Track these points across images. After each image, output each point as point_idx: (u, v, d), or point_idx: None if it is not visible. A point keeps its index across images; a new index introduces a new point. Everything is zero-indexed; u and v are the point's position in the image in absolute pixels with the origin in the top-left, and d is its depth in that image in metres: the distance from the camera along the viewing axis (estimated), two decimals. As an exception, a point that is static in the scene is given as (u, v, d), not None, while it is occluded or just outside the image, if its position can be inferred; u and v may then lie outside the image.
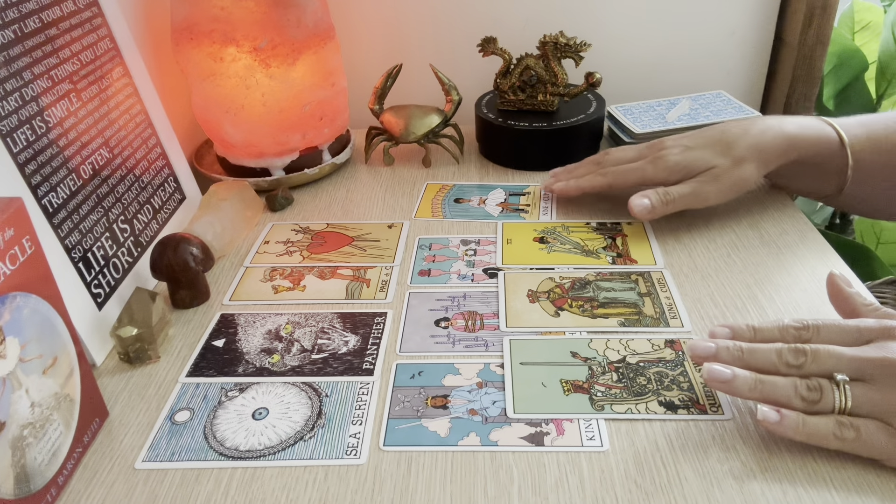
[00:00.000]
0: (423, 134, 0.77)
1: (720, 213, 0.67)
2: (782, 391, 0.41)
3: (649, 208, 0.61)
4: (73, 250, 0.52)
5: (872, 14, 1.15)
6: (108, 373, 0.51)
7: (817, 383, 0.41)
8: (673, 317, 0.54)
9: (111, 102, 0.61)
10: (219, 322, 0.56)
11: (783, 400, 0.41)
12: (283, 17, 0.68)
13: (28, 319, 0.39)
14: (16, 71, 0.50)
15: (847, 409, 0.40)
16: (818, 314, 0.53)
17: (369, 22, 0.88)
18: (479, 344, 0.52)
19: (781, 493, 0.39)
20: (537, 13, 0.87)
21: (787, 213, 0.66)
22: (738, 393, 0.42)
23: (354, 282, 0.60)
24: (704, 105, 0.81)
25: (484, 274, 0.60)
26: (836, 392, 0.41)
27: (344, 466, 0.43)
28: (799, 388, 0.41)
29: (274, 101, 0.71)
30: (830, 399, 0.41)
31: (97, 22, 0.61)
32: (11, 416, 0.37)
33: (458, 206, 0.71)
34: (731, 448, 0.42)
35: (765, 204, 0.68)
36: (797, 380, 0.42)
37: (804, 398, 0.41)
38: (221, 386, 0.49)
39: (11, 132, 0.48)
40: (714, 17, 0.87)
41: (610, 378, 0.48)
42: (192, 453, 0.44)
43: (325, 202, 0.74)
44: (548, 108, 0.79)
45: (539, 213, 0.69)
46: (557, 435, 0.44)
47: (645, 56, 0.89)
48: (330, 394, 0.48)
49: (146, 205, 0.63)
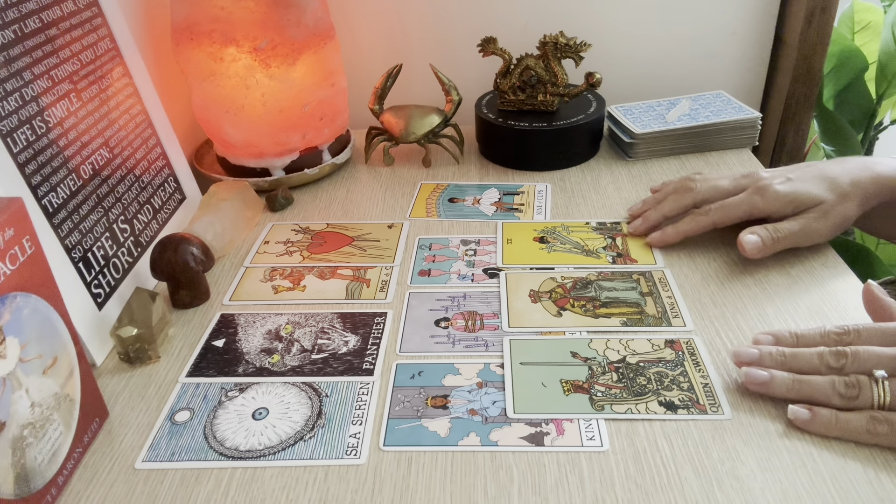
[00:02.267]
0: (423, 134, 0.77)
1: (720, 213, 0.67)
2: (820, 389, 0.43)
3: (760, 246, 0.57)
4: (73, 250, 0.52)
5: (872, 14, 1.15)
6: (108, 373, 0.51)
7: (856, 380, 0.42)
8: (675, 316, 0.54)
9: (111, 102, 0.61)
10: (219, 322, 0.56)
11: (821, 398, 0.42)
12: (283, 17, 0.68)
13: (28, 319, 0.39)
14: (16, 71, 0.50)
15: (886, 405, 0.41)
16: (818, 314, 0.53)
17: (369, 22, 0.88)
18: (479, 344, 0.52)
19: (781, 493, 0.39)
20: (537, 13, 0.87)
21: (788, 213, 0.66)
22: (776, 393, 0.44)
23: (354, 282, 0.60)
24: (704, 105, 0.81)
25: (484, 274, 0.60)
26: (874, 388, 0.41)
27: (344, 466, 0.43)
28: (837, 385, 0.42)
29: (274, 101, 0.71)
30: (869, 395, 0.41)
31: (97, 22, 0.61)
32: (11, 416, 0.37)
33: (453, 206, 0.71)
34: (731, 448, 0.42)
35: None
36: (835, 377, 0.43)
37: (842, 395, 0.42)
38: (221, 386, 0.49)
39: (11, 132, 0.48)
40: (714, 17, 0.87)
41: (610, 378, 0.48)
42: (192, 453, 0.44)
43: (325, 202, 0.74)
44: (548, 108, 0.79)
45: (533, 213, 0.69)
46: (557, 435, 0.44)
47: (645, 56, 0.89)
48: (330, 394, 0.48)
49: (146, 205, 0.63)
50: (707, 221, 0.60)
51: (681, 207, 0.62)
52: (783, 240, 0.57)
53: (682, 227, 0.61)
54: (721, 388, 0.47)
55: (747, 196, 0.59)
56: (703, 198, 0.61)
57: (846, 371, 0.43)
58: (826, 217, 0.57)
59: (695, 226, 0.60)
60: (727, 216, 0.59)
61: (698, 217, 0.60)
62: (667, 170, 0.75)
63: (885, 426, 0.41)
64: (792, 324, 0.52)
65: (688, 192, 0.62)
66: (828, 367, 0.43)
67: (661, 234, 0.62)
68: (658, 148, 0.78)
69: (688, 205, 0.62)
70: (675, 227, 0.61)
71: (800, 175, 0.58)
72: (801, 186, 0.57)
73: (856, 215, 0.57)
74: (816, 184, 0.57)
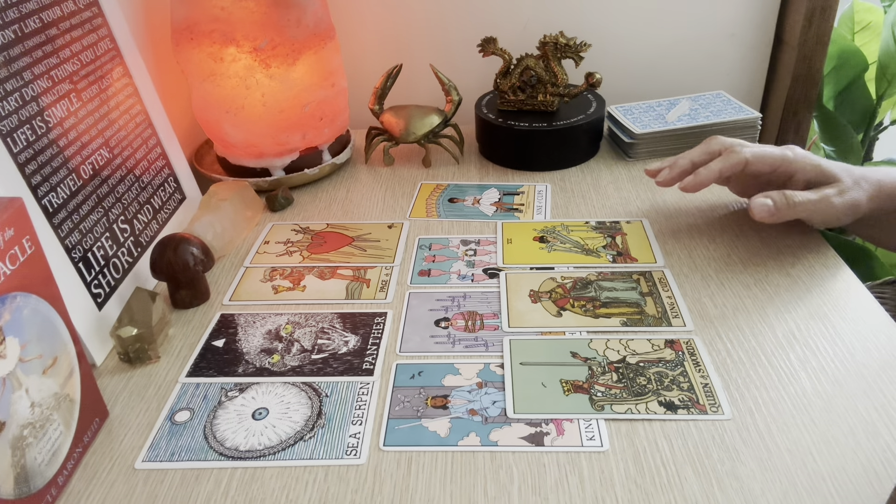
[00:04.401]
0: (424, 134, 0.77)
1: (720, 213, 0.67)
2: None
3: (772, 210, 0.56)
4: (73, 250, 0.52)
5: (872, 14, 1.15)
6: (108, 373, 0.51)
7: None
8: (675, 316, 0.54)
9: (111, 102, 0.61)
10: (219, 322, 0.56)
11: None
12: (283, 17, 0.68)
13: (28, 319, 0.39)
14: (16, 71, 0.50)
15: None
16: (818, 314, 0.53)
17: (369, 22, 0.88)
18: (479, 344, 0.52)
19: (781, 493, 0.39)
20: (537, 13, 0.87)
21: (787, 214, 0.66)
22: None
23: (354, 282, 0.60)
24: (704, 105, 0.81)
25: (484, 274, 0.60)
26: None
27: (344, 466, 0.43)
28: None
29: (274, 102, 0.71)
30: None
31: (97, 22, 0.61)
32: (11, 416, 0.37)
33: (453, 206, 0.71)
34: (731, 448, 0.42)
35: (765, 204, 0.68)
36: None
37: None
38: (221, 386, 0.49)
39: (11, 132, 0.48)
40: (714, 17, 0.87)
41: (610, 378, 0.48)
42: (192, 453, 0.44)
43: (325, 202, 0.74)
44: (548, 109, 0.79)
45: (533, 213, 0.69)
46: (557, 435, 0.44)
47: (645, 56, 0.89)
48: (330, 394, 0.48)
49: (146, 205, 0.63)
50: (740, 157, 0.58)
51: (709, 154, 0.61)
52: (798, 206, 0.56)
53: (714, 166, 0.59)
54: (721, 388, 0.47)
55: (782, 150, 0.58)
56: (730, 144, 0.60)
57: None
58: (842, 196, 0.57)
59: (727, 163, 0.59)
60: (760, 157, 0.58)
61: (731, 154, 0.59)
62: (667, 170, 0.75)
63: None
64: (792, 324, 0.52)
65: (714, 141, 0.61)
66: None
67: (695, 176, 0.60)
68: (658, 148, 0.78)
69: (715, 151, 0.61)
70: (708, 168, 0.59)
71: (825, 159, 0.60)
72: (829, 162, 0.58)
73: (866, 207, 0.57)
74: (837, 166, 0.58)
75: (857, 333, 0.50)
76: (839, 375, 0.47)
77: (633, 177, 0.75)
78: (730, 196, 0.69)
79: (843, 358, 0.48)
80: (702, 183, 0.59)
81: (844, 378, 0.47)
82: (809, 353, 0.49)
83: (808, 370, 0.48)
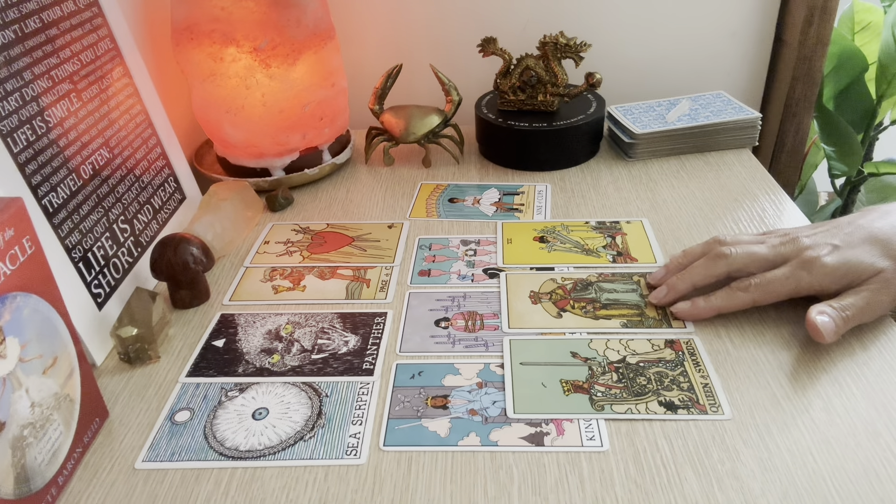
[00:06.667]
0: (424, 134, 0.77)
1: (720, 213, 0.67)
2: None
3: (834, 330, 0.48)
4: (73, 250, 0.52)
5: (872, 14, 1.15)
6: (108, 373, 0.51)
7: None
8: (675, 317, 0.54)
9: (111, 102, 0.61)
10: (219, 322, 0.56)
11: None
12: (283, 17, 0.68)
13: (28, 319, 0.39)
14: (16, 71, 0.50)
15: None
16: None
17: (369, 22, 0.88)
18: (479, 344, 0.52)
19: (782, 493, 0.39)
20: (537, 13, 0.87)
21: (787, 214, 0.66)
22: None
23: (354, 282, 0.60)
24: (704, 105, 0.81)
25: (484, 274, 0.60)
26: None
27: (344, 466, 0.43)
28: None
29: (274, 102, 0.71)
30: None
31: (97, 22, 0.61)
32: (11, 416, 0.37)
33: (453, 206, 0.71)
34: (731, 448, 0.42)
35: (764, 204, 0.68)
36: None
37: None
38: (221, 386, 0.49)
39: (12, 132, 0.48)
40: (714, 17, 0.87)
41: (610, 378, 0.48)
42: (192, 453, 0.44)
43: (325, 202, 0.74)
44: (548, 109, 0.79)
45: (533, 213, 0.69)
46: (557, 435, 0.44)
47: (645, 56, 0.89)
48: (330, 394, 0.48)
49: (146, 205, 0.63)
50: (747, 299, 0.52)
51: (713, 276, 0.54)
52: (852, 319, 0.49)
53: (716, 303, 0.52)
54: (721, 388, 0.47)
55: (792, 271, 0.51)
56: (738, 267, 0.53)
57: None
58: (888, 286, 0.49)
59: (731, 303, 0.52)
60: (770, 294, 0.51)
61: (736, 293, 0.52)
62: (667, 170, 0.75)
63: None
64: (792, 324, 0.52)
65: (720, 259, 0.53)
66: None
67: (692, 305, 0.53)
68: (658, 148, 0.78)
69: (721, 274, 0.53)
70: (709, 302, 0.53)
71: (846, 240, 0.51)
72: (852, 256, 0.50)
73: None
74: (868, 250, 0.50)
75: (858, 333, 0.50)
76: (839, 375, 0.47)
77: (633, 177, 0.75)
78: (730, 196, 0.70)
79: (844, 358, 0.49)
80: (696, 316, 0.53)
81: (844, 378, 0.47)
82: (809, 353, 0.49)
83: (808, 370, 0.48)
